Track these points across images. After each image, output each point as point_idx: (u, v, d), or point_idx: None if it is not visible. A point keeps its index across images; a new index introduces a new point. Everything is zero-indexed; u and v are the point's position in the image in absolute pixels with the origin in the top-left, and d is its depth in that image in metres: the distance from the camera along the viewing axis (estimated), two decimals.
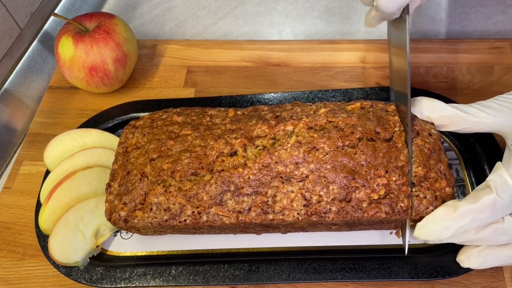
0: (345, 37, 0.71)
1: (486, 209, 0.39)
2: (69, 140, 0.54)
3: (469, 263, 0.42)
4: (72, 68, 0.58)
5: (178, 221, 0.43)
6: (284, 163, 0.43)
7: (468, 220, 0.39)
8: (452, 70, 0.62)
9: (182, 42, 0.70)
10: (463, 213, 0.39)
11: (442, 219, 0.40)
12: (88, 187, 0.50)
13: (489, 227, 0.40)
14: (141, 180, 0.45)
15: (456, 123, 0.44)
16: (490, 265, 0.41)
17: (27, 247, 0.51)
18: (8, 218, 0.54)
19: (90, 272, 0.47)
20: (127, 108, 0.60)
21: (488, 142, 0.52)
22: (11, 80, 0.64)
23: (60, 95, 0.65)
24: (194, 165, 0.44)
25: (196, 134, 0.47)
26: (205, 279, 0.46)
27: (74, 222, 0.48)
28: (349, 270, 0.45)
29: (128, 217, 0.44)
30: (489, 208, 0.39)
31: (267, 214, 0.43)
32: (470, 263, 0.42)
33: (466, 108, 0.43)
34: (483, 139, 0.52)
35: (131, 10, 0.78)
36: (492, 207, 0.39)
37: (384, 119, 0.45)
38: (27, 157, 0.59)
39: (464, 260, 0.42)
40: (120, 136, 0.51)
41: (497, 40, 0.65)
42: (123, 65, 0.60)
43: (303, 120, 0.45)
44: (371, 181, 0.42)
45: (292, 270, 0.46)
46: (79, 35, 0.57)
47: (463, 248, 0.43)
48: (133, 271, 0.47)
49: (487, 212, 0.39)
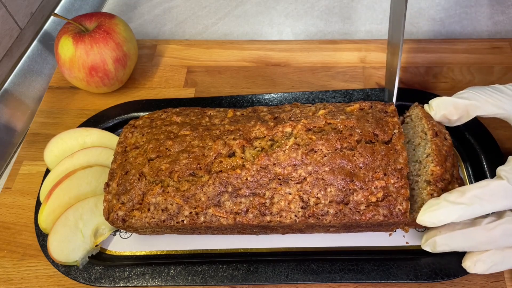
0: (345, 37, 0.70)
1: (496, 195, 0.38)
2: (69, 139, 0.54)
3: (476, 268, 0.41)
4: (72, 68, 0.58)
5: (175, 221, 0.44)
6: (282, 164, 0.43)
7: (476, 204, 0.38)
8: (452, 70, 0.62)
9: (182, 42, 0.70)
10: (471, 197, 0.38)
11: (449, 201, 0.39)
12: (87, 186, 0.51)
13: (498, 227, 0.39)
14: (139, 180, 0.45)
15: (470, 112, 0.44)
16: (497, 269, 0.41)
17: (27, 247, 0.51)
18: (8, 218, 0.54)
19: (89, 272, 0.47)
20: (127, 107, 0.60)
21: (488, 142, 0.52)
22: (11, 80, 0.64)
23: (60, 95, 0.65)
24: (192, 165, 0.44)
25: (194, 134, 0.47)
26: (204, 279, 0.46)
27: (74, 221, 0.48)
28: (348, 271, 0.45)
29: (126, 216, 0.44)
30: (499, 194, 0.38)
31: (265, 215, 0.43)
32: (477, 268, 0.41)
33: (472, 95, 0.44)
34: (483, 139, 0.52)
35: (131, 10, 0.78)
36: (503, 194, 0.38)
37: (383, 121, 0.45)
38: (27, 157, 0.59)
39: (471, 266, 0.41)
40: (119, 135, 0.51)
41: (497, 40, 0.65)
42: (123, 65, 0.60)
43: (302, 121, 0.45)
44: (369, 184, 0.42)
45: (290, 271, 0.46)
46: (79, 35, 0.57)
47: (468, 254, 0.42)
48: (132, 270, 0.47)
49: (496, 198, 0.38)
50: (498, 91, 0.44)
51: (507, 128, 0.47)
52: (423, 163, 0.44)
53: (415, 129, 0.47)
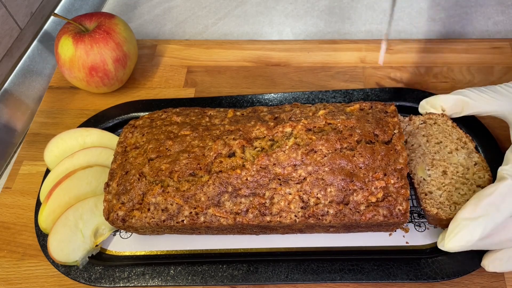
0: (345, 37, 0.70)
1: (508, 196, 0.38)
2: (69, 139, 0.54)
3: (493, 267, 0.41)
4: (72, 68, 0.58)
5: (175, 221, 0.44)
6: (282, 165, 0.43)
7: (493, 212, 0.38)
8: (452, 70, 0.62)
9: (182, 42, 0.70)
10: (485, 206, 0.38)
11: (466, 219, 0.39)
12: (88, 186, 0.51)
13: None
14: (139, 180, 0.45)
15: (463, 108, 0.48)
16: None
17: (27, 247, 0.51)
18: (8, 218, 0.54)
19: (89, 272, 0.47)
20: (127, 107, 0.60)
21: (488, 142, 0.52)
22: (11, 80, 0.64)
23: (60, 95, 0.65)
24: (192, 165, 0.44)
25: (194, 134, 0.47)
26: (204, 279, 0.46)
27: (74, 221, 0.48)
28: (348, 271, 0.45)
29: (126, 216, 0.44)
30: (511, 194, 0.38)
31: (265, 216, 0.43)
32: (495, 267, 0.41)
33: (468, 93, 0.47)
34: (483, 139, 0.52)
35: (131, 10, 0.78)
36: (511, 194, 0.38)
37: (383, 121, 0.45)
38: (27, 157, 0.59)
39: (488, 264, 0.42)
40: (119, 135, 0.51)
41: (497, 40, 0.65)
42: (123, 65, 0.60)
43: (302, 122, 0.45)
44: (369, 184, 0.42)
45: (290, 271, 0.46)
46: (79, 35, 0.57)
47: (487, 253, 0.42)
48: (132, 270, 0.47)
49: (509, 198, 0.38)
50: (492, 90, 0.47)
51: (506, 128, 0.47)
52: (470, 169, 0.46)
53: (446, 134, 0.49)
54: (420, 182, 0.46)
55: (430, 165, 0.47)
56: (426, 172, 0.47)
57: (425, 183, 0.46)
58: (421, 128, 0.50)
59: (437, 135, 0.49)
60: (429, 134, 0.50)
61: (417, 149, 0.49)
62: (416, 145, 0.49)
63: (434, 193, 0.45)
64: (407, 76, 0.62)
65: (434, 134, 0.49)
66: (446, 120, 0.50)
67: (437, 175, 0.46)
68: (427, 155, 0.48)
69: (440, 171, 0.47)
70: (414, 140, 0.50)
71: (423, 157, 0.48)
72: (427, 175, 0.47)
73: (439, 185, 0.46)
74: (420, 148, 0.49)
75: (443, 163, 0.47)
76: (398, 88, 0.58)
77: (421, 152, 0.48)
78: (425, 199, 0.45)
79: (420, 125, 0.51)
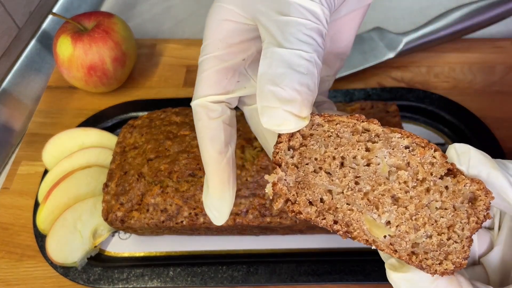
0: None
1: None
2: (68, 140, 0.54)
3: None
4: (71, 68, 0.57)
5: (174, 222, 0.43)
6: None
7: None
8: (453, 69, 0.62)
9: (182, 41, 0.69)
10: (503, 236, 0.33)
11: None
12: (86, 186, 0.50)
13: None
14: (138, 181, 0.45)
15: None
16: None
17: (25, 248, 0.51)
18: (6, 219, 0.53)
19: (87, 273, 0.47)
20: (126, 107, 0.60)
21: (488, 142, 0.51)
22: (9, 79, 0.63)
23: (58, 95, 0.65)
24: (192, 166, 0.44)
25: (194, 134, 0.47)
26: (203, 280, 0.46)
27: (72, 222, 0.48)
28: (348, 272, 0.45)
29: (125, 217, 0.44)
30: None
31: (265, 216, 0.42)
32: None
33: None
34: (483, 138, 0.52)
35: (130, 9, 0.78)
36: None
37: (385, 120, 0.45)
38: (25, 157, 0.59)
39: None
40: (118, 135, 0.50)
41: (498, 40, 0.64)
42: (122, 64, 0.60)
43: None
44: None
45: (291, 272, 0.45)
46: (77, 34, 0.57)
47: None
48: (131, 271, 0.46)
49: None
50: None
51: (509, 129, 0.47)
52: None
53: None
54: None
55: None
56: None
57: None
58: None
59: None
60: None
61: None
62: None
63: None
64: (409, 76, 0.62)
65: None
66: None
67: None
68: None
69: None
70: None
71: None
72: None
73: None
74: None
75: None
76: (399, 88, 0.58)
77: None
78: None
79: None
